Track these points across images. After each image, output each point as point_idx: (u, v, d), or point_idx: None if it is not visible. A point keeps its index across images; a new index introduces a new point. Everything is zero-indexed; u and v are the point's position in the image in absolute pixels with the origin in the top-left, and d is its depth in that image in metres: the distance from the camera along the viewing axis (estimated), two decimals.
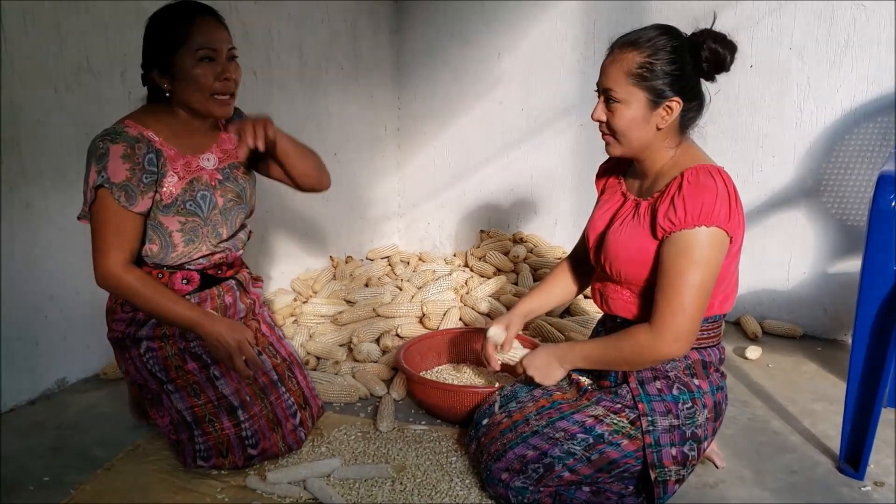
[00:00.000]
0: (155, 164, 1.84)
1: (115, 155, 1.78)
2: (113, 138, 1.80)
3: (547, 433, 1.73)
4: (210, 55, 1.82)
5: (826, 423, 2.27)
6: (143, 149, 1.82)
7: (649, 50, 1.60)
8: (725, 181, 1.60)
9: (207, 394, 1.96)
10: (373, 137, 4.11)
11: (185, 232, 1.91)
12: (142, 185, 1.82)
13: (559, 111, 3.69)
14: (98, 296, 2.63)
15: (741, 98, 3.13)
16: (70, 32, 2.44)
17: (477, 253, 3.79)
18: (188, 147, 1.94)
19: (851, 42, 2.87)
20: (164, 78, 1.86)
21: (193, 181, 1.93)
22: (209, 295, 2.01)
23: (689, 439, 1.69)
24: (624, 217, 1.75)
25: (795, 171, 3.06)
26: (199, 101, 1.86)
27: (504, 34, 3.80)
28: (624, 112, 1.64)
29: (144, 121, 1.88)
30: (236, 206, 2.03)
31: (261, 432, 1.99)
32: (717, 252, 1.59)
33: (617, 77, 1.63)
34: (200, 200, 1.93)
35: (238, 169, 2.06)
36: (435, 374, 2.57)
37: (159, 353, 1.94)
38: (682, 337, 1.60)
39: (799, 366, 2.78)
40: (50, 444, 2.20)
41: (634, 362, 1.68)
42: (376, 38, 4.01)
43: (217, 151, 2.02)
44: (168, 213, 1.88)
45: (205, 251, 1.97)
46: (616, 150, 1.72)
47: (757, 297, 3.20)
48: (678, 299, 1.58)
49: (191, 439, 1.97)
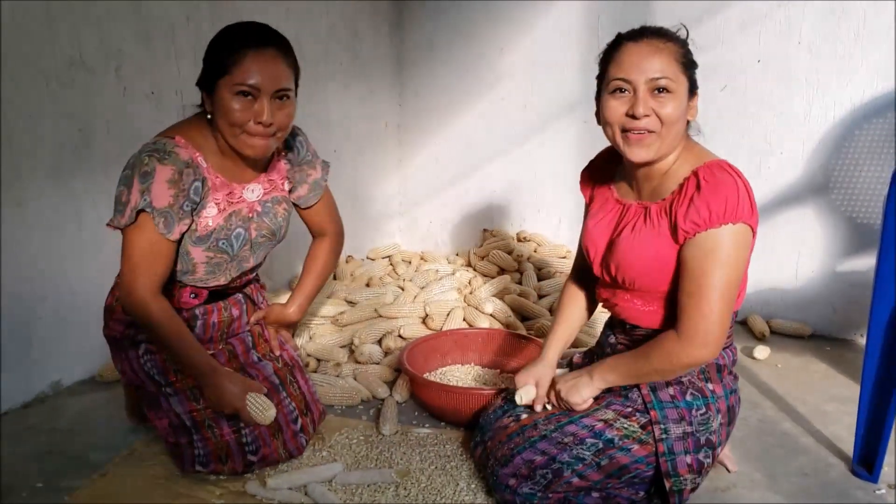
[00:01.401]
0: (199, 192, 1.77)
1: (161, 178, 1.69)
2: (161, 157, 1.70)
3: (555, 438, 1.68)
4: (247, 91, 1.70)
5: (838, 425, 2.22)
6: (190, 175, 1.74)
7: (680, 40, 1.59)
8: (740, 175, 1.55)
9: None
10: (373, 134, 4.06)
11: (209, 265, 1.87)
12: (181, 212, 1.74)
13: (562, 108, 3.65)
14: (93, 296, 2.58)
15: (749, 94, 3.08)
16: (62, 26, 2.38)
17: (480, 252, 3.75)
18: (234, 175, 1.87)
19: (861, 36, 2.82)
20: (208, 101, 1.78)
21: (232, 215, 1.86)
22: (215, 307, 1.97)
23: (704, 446, 1.64)
24: (633, 224, 1.67)
25: (804, 168, 3.02)
26: (229, 135, 1.76)
27: (506, 30, 3.76)
28: (672, 101, 1.56)
29: (196, 140, 1.79)
30: (267, 243, 1.99)
31: (261, 438, 1.94)
32: (743, 250, 1.54)
33: (669, 64, 1.55)
34: (234, 239, 1.88)
35: (280, 204, 1.99)
36: (439, 375, 2.53)
37: (158, 357, 1.90)
38: (710, 342, 1.53)
39: (808, 366, 2.73)
40: (44, 448, 2.15)
41: (665, 371, 1.61)
42: (377, 34, 3.96)
43: (264, 181, 1.95)
44: (199, 245, 1.82)
45: (223, 281, 1.94)
46: (650, 153, 1.59)
47: (764, 296, 3.15)
48: (706, 303, 1.51)
49: (190, 444, 1.92)
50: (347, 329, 2.91)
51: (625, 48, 1.59)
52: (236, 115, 1.71)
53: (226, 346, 2.02)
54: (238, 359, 2.02)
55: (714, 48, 3.03)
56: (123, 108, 2.60)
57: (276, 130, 1.77)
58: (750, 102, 3.09)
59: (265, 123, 1.72)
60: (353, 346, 2.80)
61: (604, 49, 1.66)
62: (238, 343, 2.04)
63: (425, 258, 3.98)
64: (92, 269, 2.58)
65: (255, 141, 1.75)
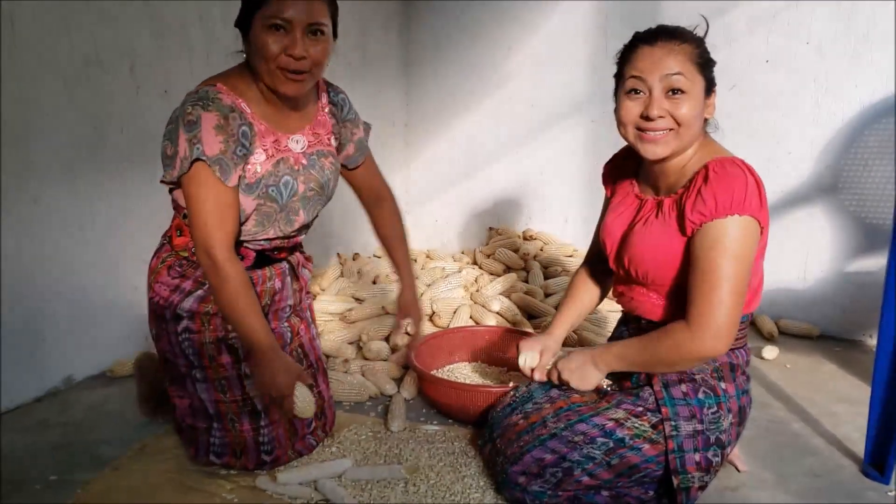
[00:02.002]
0: (248, 136, 1.72)
1: (208, 125, 1.65)
2: (205, 104, 1.66)
3: (566, 436, 1.68)
4: (279, 24, 1.65)
5: (848, 426, 2.22)
6: (236, 120, 1.70)
7: (696, 40, 1.60)
8: (751, 171, 1.56)
9: (234, 392, 1.89)
10: (380, 133, 4.04)
11: (258, 214, 1.80)
12: (234, 158, 1.69)
13: (570, 107, 3.65)
14: (105, 292, 2.61)
15: (757, 94, 3.08)
16: (79, 25, 2.40)
17: (486, 250, 3.75)
18: (278, 124, 1.82)
19: (871, 36, 2.81)
20: (244, 40, 1.73)
21: (280, 162, 1.80)
22: (260, 277, 1.91)
23: (714, 445, 1.64)
24: (646, 218, 1.69)
25: (813, 168, 3.02)
26: (265, 72, 1.70)
27: (514, 30, 3.76)
28: (687, 101, 1.57)
29: (237, 87, 1.75)
30: (316, 197, 1.91)
31: (277, 440, 1.94)
32: (750, 242, 1.53)
33: (684, 64, 1.57)
34: (283, 187, 1.81)
35: (326, 157, 1.93)
36: (446, 372, 2.53)
37: (196, 338, 1.85)
38: (721, 334, 1.53)
39: (818, 366, 2.73)
40: (56, 442, 2.16)
41: (673, 363, 1.61)
42: (384, 33, 3.97)
43: (308, 133, 1.89)
44: (250, 193, 1.76)
45: (271, 235, 1.86)
46: (667, 150, 1.61)
47: (772, 296, 3.14)
48: (715, 293, 1.51)
49: (207, 430, 1.92)
50: (355, 326, 2.92)
51: (640, 49, 1.60)
52: (270, 48, 1.66)
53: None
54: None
55: (722, 48, 2.99)
56: (137, 107, 2.61)
57: (310, 66, 1.71)
58: (758, 102, 3.08)
59: (296, 56, 1.67)
60: (361, 342, 2.81)
61: (621, 49, 1.67)
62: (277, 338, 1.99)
63: (431, 256, 3.99)
64: (104, 266, 2.60)
65: (291, 76, 1.70)
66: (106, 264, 2.61)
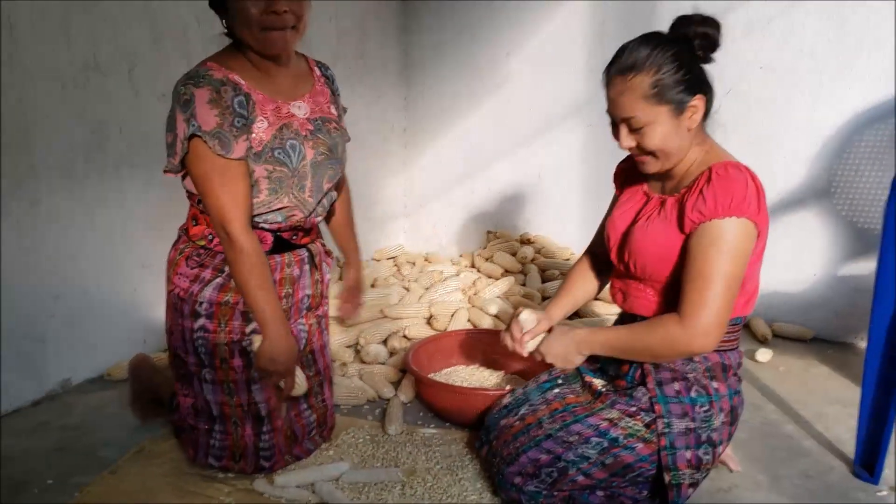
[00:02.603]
0: (245, 106, 1.71)
1: (202, 100, 1.65)
2: (196, 82, 1.66)
3: (561, 437, 1.70)
4: None
5: (840, 427, 2.24)
6: (229, 91, 1.69)
7: (653, 67, 1.57)
8: (753, 176, 1.58)
9: (241, 396, 1.89)
10: (380, 136, 4.09)
11: (271, 181, 1.77)
12: (234, 130, 1.68)
13: (568, 110, 3.67)
14: (104, 294, 2.63)
15: (752, 99, 3.10)
16: (78, 29, 2.42)
17: (484, 254, 3.77)
18: (277, 92, 1.80)
19: (864, 43, 2.84)
20: (220, 12, 1.73)
21: (283, 127, 1.78)
22: (279, 263, 1.89)
23: (705, 443, 1.66)
24: (649, 214, 1.72)
25: (806, 173, 3.04)
26: (249, 37, 1.69)
27: (512, 33, 3.78)
28: (653, 132, 1.60)
29: (228, 63, 1.74)
30: (327, 161, 1.88)
31: (277, 447, 1.95)
32: (746, 243, 1.56)
33: (635, 104, 1.59)
34: (290, 150, 1.78)
35: (330, 123, 1.91)
36: (444, 376, 2.55)
37: (211, 338, 1.84)
38: (711, 331, 1.56)
39: (810, 368, 2.75)
40: (54, 445, 2.18)
41: (661, 355, 1.64)
42: (384, 37, 3.99)
43: (309, 101, 1.88)
44: (258, 161, 1.74)
45: (286, 203, 1.82)
46: (654, 167, 1.67)
47: (767, 299, 3.16)
48: (709, 291, 1.54)
49: (208, 432, 1.93)
50: (353, 329, 2.93)
51: (606, 82, 1.65)
52: (251, 11, 1.65)
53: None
54: None
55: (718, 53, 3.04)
56: (136, 110, 2.63)
57: (294, 20, 1.71)
58: (753, 108, 3.11)
59: (279, 11, 1.66)
60: (358, 346, 2.83)
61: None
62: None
63: (430, 259, 4.00)
64: (103, 269, 2.62)
65: (276, 35, 1.70)
66: (105, 267, 2.62)
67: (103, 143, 2.55)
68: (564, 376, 1.92)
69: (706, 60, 1.64)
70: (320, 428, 2.09)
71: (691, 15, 1.62)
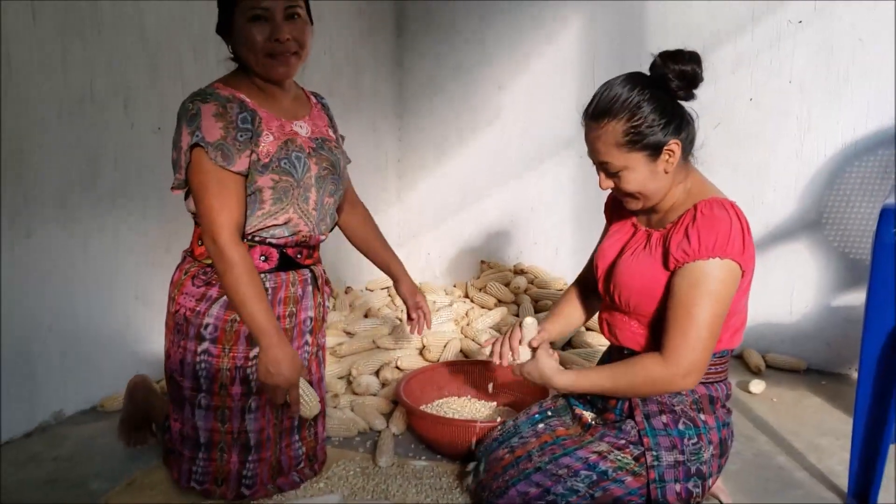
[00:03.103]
0: (249, 122, 1.78)
1: (208, 114, 1.73)
2: (204, 98, 1.75)
3: (550, 470, 1.70)
4: (260, 14, 1.75)
5: (833, 459, 2.24)
6: (235, 108, 1.77)
7: (627, 113, 1.58)
8: (738, 215, 1.59)
9: (233, 423, 1.88)
10: (374, 168, 4.12)
11: (275, 191, 1.82)
12: (237, 144, 1.75)
13: (559, 143, 3.71)
14: (97, 326, 2.62)
15: (741, 131, 3.14)
16: (74, 61, 2.45)
17: (477, 284, 3.78)
18: (281, 112, 1.88)
19: (851, 75, 2.88)
20: (227, 38, 1.83)
21: (288, 142, 1.85)
22: (284, 281, 1.91)
23: (694, 476, 1.66)
24: (635, 248, 1.74)
25: (797, 204, 3.07)
26: (253, 61, 1.79)
27: (504, 67, 3.83)
28: (629, 177, 1.63)
29: (233, 83, 1.83)
30: (330, 176, 1.94)
31: (259, 477, 1.94)
32: (730, 285, 1.58)
33: (608, 151, 1.62)
34: (295, 161, 1.84)
35: (330, 142, 1.99)
36: (435, 407, 2.54)
37: (214, 362, 1.84)
38: (693, 370, 1.58)
39: (803, 400, 2.75)
40: (46, 477, 2.16)
41: (645, 393, 1.67)
42: (378, 71, 4.04)
43: (309, 122, 1.96)
44: (265, 171, 1.79)
45: (291, 213, 1.85)
46: (636, 206, 1.71)
47: (759, 330, 3.18)
48: (692, 332, 1.56)
49: (192, 459, 1.92)
50: (345, 360, 2.93)
51: (584, 125, 1.69)
52: (255, 38, 1.75)
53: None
54: None
55: (707, 86, 3.05)
56: (131, 142, 2.66)
57: (296, 48, 1.80)
58: (743, 139, 3.14)
59: (282, 40, 1.76)
60: (350, 377, 2.82)
61: None
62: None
63: (423, 289, 4.00)
64: (97, 300, 2.62)
65: (280, 60, 1.79)
66: (98, 299, 2.63)
67: (98, 174, 2.57)
68: (554, 408, 1.93)
69: (687, 97, 1.65)
70: (310, 461, 2.08)
71: (670, 52, 1.61)
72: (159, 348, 2.80)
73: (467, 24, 3.90)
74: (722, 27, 3.11)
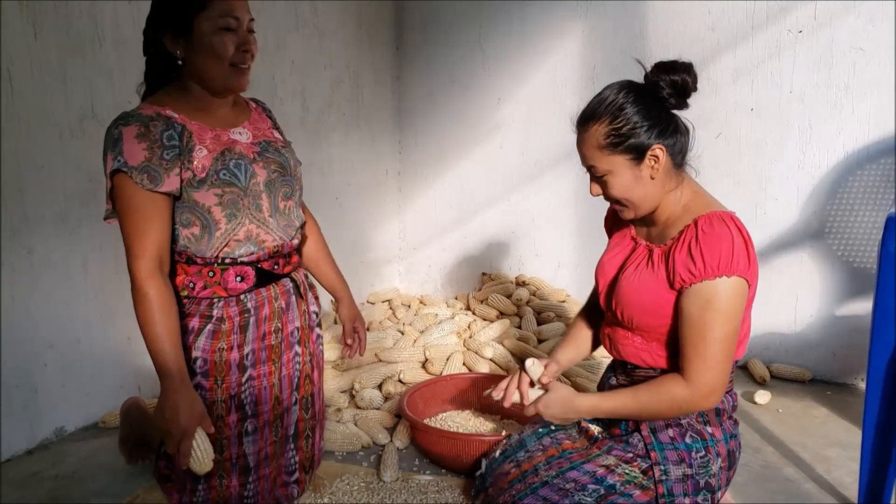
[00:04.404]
0: (176, 138, 1.68)
1: (130, 136, 1.62)
2: (125, 120, 1.65)
3: (557, 484, 1.68)
4: (231, 25, 1.69)
5: (841, 470, 2.22)
6: (159, 125, 1.66)
7: (609, 116, 1.60)
8: (740, 228, 1.58)
9: (231, 450, 1.83)
10: (374, 181, 4.12)
11: (224, 205, 1.73)
12: (164, 163, 1.64)
13: (560, 155, 3.71)
14: (97, 342, 2.61)
15: (743, 141, 3.14)
16: (75, 79, 2.45)
17: (479, 296, 3.77)
18: (216, 122, 1.79)
19: (851, 86, 2.89)
20: (178, 43, 1.71)
21: (225, 151, 1.76)
22: (266, 298, 1.84)
23: (703, 489, 1.64)
24: (637, 263, 1.72)
25: (799, 214, 3.06)
26: (217, 70, 1.71)
27: (504, 81, 3.84)
28: (613, 181, 1.64)
29: (160, 101, 1.73)
30: (280, 178, 1.85)
31: (261, 494, 1.91)
32: (739, 301, 1.57)
33: (592, 153, 1.63)
34: (235, 169, 1.75)
35: (276, 143, 1.90)
36: (439, 421, 2.53)
37: (207, 396, 1.79)
38: (715, 390, 1.58)
39: (809, 410, 2.73)
40: (47, 495, 2.15)
41: (665, 414, 1.65)
42: (378, 85, 4.05)
43: (249, 127, 1.87)
44: (202, 187, 1.70)
45: (248, 226, 1.78)
46: (629, 215, 1.70)
47: (764, 340, 3.16)
48: (709, 353, 1.55)
49: (193, 491, 1.89)
50: (348, 374, 2.92)
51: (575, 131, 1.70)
52: (227, 47, 1.69)
53: (277, 366, 1.89)
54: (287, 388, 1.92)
55: (708, 97, 3.10)
56: None
57: (251, 60, 1.77)
58: (744, 150, 3.14)
59: (251, 51, 1.73)
60: (353, 390, 2.81)
61: None
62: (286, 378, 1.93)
63: (424, 302, 4.00)
64: (97, 317, 2.61)
65: (244, 69, 1.75)
66: (99, 316, 2.62)
67: (99, 192, 2.56)
68: None
69: (678, 107, 1.65)
70: (305, 472, 2.03)
71: (665, 62, 1.62)
72: None
73: (466, 38, 3.91)
74: (722, 38, 3.12)
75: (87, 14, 2.48)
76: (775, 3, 3.00)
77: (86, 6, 2.48)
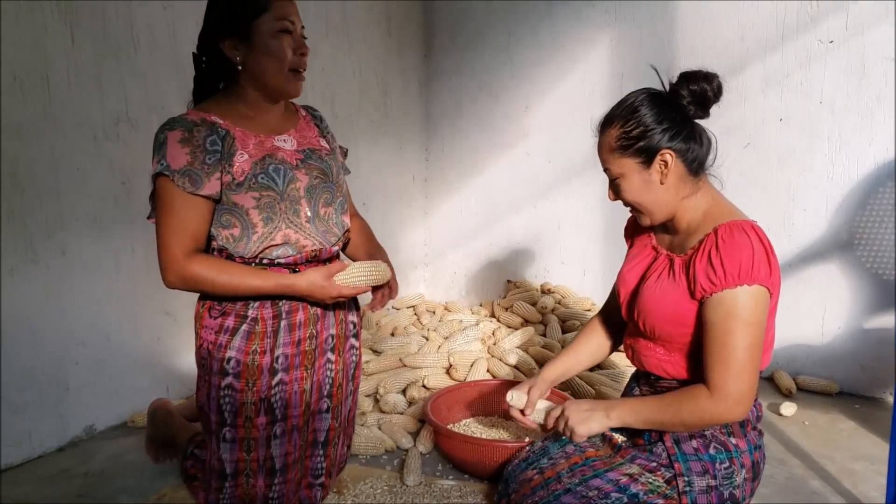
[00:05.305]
0: (219, 143, 1.72)
1: (173, 140, 1.68)
2: (171, 125, 1.71)
3: (580, 492, 1.68)
4: (289, 27, 1.74)
5: (868, 484, 2.19)
6: (202, 131, 1.71)
7: (622, 119, 1.63)
8: (760, 237, 1.57)
9: (259, 451, 1.85)
10: (401, 187, 4.15)
11: (261, 209, 1.76)
12: (206, 167, 1.69)
13: (586, 163, 3.71)
14: (128, 341, 2.66)
15: (772, 151, 3.12)
16: (110, 82, 2.51)
17: (504, 303, 3.77)
18: (261, 128, 1.83)
19: (883, 96, 2.86)
20: (239, 48, 1.74)
21: (266, 157, 1.79)
22: (300, 303, 1.86)
23: (728, 500, 1.63)
24: (658, 273, 1.72)
25: (828, 225, 3.03)
26: (276, 74, 1.75)
27: (531, 88, 3.85)
28: (624, 185, 1.66)
29: (206, 107, 1.78)
30: (322, 185, 1.87)
31: (286, 496, 1.93)
32: (761, 310, 1.56)
33: (606, 156, 1.67)
34: (273, 173, 1.78)
35: (320, 151, 1.93)
36: (463, 426, 2.54)
37: (238, 397, 1.82)
38: (743, 399, 1.55)
39: (836, 423, 2.70)
40: (77, 492, 2.19)
41: (692, 425, 1.62)
42: (405, 91, 4.08)
43: (295, 135, 1.90)
44: (240, 190, 1.74)
45: (285, 230, 1.80)
46: (646, 221, 1.71)
47: (790, 352, 3.13)
48: (735, 362, 1.54)
49: (219, 489, 1.92)
50: (373, 378, 2.94)
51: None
52: (285, 51, 1.74)
53: (309, 371, 1.91)
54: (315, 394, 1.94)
55: (737, 107, 3.08)
56: None
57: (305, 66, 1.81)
58: (773, 160, 3.12)
59: (306, 54, 1.78)
60: (377, 395, 2.83)
61: None
62: (315, 384, 1.94)
63: (449, 308, 4.01)
64: (128, 317, 2.66)
65: (299, 76, 1.80)
66: (130, 315, 2.66)
67: (132, 193, 2.61)
68: None
69: (699, 115, 1.65)
70: (329, 477, 2.05)
71: (687, 72, 1.63)
72: (188, 364, 2.85)
73: (494, 46, 3.93)
74: (751, 47, 3.10)
75: (122, 18, 2.54)
76: (806, 12, 2.98)
77: (122, 9, 2.53)
